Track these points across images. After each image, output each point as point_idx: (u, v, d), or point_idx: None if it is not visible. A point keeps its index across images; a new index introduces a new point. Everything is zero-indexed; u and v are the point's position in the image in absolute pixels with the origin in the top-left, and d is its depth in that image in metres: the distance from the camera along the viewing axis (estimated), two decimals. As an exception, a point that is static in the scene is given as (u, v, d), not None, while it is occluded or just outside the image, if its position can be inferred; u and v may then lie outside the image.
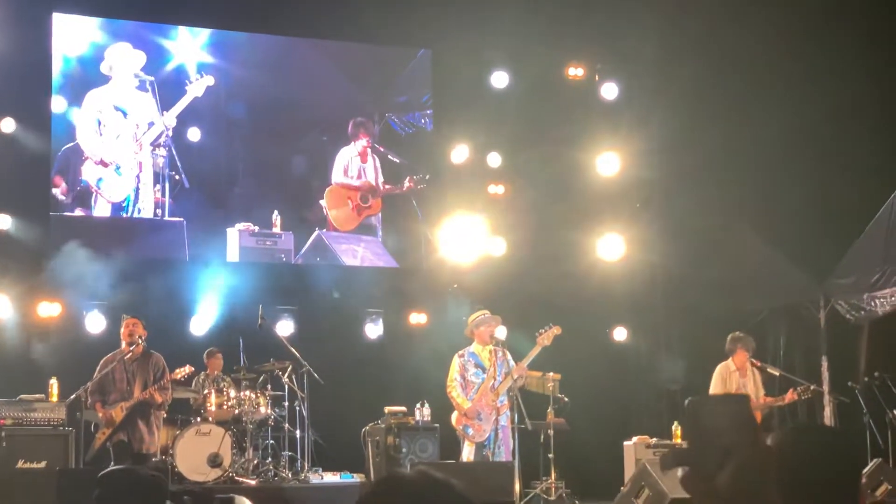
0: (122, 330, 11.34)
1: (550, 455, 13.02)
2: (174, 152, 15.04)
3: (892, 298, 13.61)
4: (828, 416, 13.95)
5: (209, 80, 15.18)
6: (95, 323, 13.99)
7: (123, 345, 11.27)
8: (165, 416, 11.81)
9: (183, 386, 12.51)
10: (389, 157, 16.06)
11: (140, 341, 11.16)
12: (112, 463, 10.51)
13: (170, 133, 15.03)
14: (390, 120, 16.21)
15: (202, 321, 14.42)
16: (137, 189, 14.92)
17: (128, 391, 11.15)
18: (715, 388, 12.09)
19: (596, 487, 13.02)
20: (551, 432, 13.07)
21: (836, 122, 14.24)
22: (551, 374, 13.12)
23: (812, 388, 12.48)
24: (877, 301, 13.76)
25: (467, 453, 11.02)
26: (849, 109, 14.29)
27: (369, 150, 16.01)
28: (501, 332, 11.58)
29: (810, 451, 2.59)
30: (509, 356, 11.17)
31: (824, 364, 14.38)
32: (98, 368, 11.28)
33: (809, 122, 14.27)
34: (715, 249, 15.12)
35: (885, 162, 13.98)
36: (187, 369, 11.72)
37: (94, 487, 4.79)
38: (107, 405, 11.12)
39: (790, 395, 12.11)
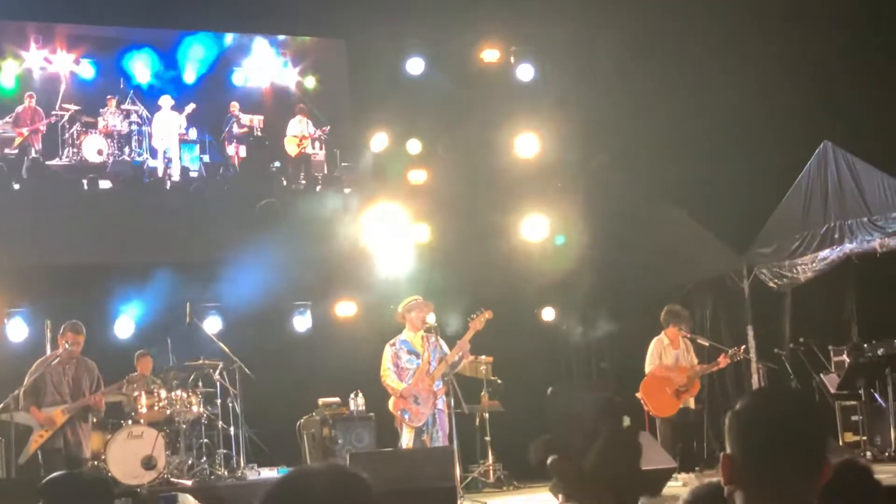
0: (67, 339, 11.09)
1: (487, 438, 13.07)
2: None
3: (813, 264, 13.86)
4: (755, 383, 14.17)
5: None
6: (17, 331, 13.68)
7: (57, 348, 11.11)
8: (95, 421, 11.65)
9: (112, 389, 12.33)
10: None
11: (68, 346, 10.98)
12: (42, 471, 10.29)
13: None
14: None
15: (127, 323, 14.17)
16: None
17: (67, 394, 10.98)
18: (650, 361, 12.27)
19: (533, 468, 13.04)
20: (486, 415, 13.12)
21: (753, 95, 14.40)
22: (483, 357, 13.15)
23: (742, 348, 12.77)
24: (798, 268, 14.01)
25: (406, 440, 10.90)
26: (765, 83, 14.46)
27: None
28: (430, 318, 11.52)
29: (777, 414, 2.60)
30: (442, 341, 11.08)
31: (750, 332, 14.60)
32: (30, 372, 11.05)
33: (726, 96, 14.42)
34: (638, 226, 15.26)
35: (801, 132, 14.21)
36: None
37: (35, 498, 4.64)
38: (42, 408, 10.93)
39: (723, 360, 12.38)
